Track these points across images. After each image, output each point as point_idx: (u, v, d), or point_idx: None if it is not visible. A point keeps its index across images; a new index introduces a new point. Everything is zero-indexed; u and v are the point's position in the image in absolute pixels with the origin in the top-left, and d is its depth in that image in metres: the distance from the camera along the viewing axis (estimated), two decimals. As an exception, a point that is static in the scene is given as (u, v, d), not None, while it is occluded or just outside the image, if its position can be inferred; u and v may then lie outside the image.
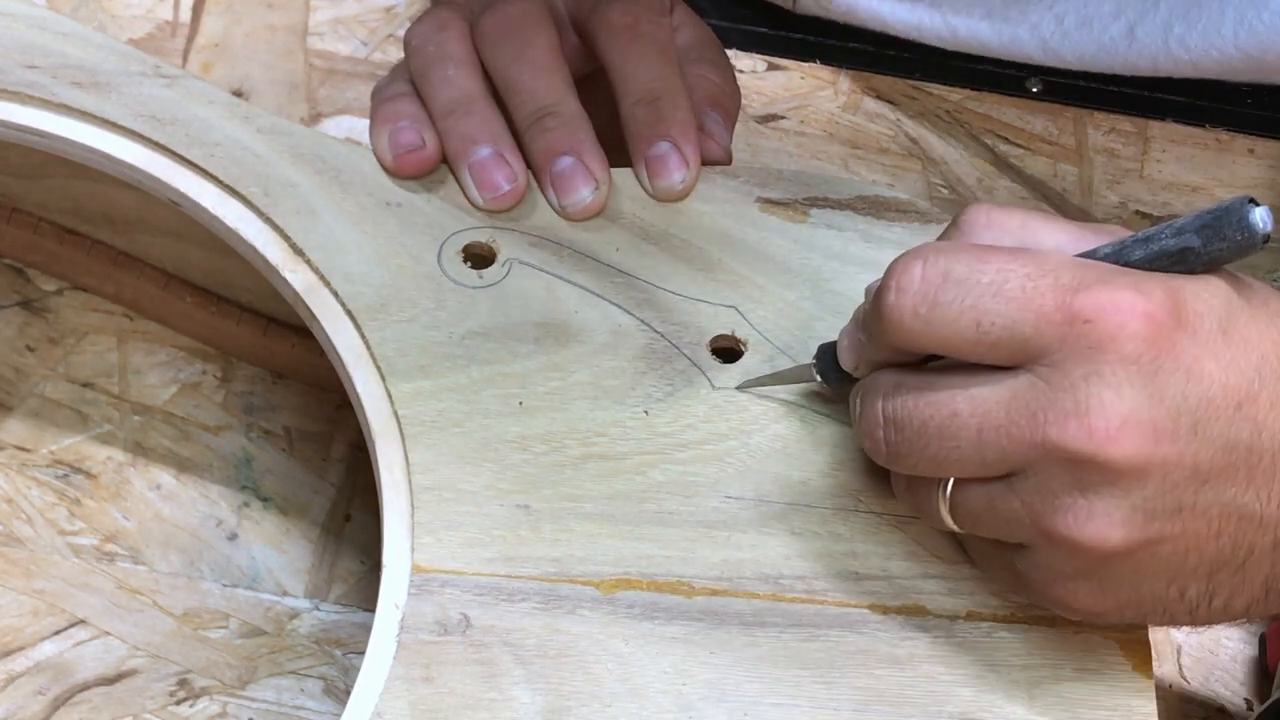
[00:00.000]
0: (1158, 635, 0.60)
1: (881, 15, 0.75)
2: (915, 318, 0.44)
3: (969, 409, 0.44)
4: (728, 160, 0.58)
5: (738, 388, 0.53)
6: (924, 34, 0.75)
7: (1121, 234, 0.46)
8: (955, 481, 0.46)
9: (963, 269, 0.44)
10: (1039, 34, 0.73)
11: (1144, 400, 0.42)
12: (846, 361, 0.49)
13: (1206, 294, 0.44)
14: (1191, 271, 0.44)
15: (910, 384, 0.46)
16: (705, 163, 0.57)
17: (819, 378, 0.51)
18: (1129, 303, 0.43)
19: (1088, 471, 0.43)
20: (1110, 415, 0.42)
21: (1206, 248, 0.44)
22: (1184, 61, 0.70)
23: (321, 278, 0.54)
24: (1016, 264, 0.44)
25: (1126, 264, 0.45)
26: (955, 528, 0.47)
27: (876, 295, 0.45)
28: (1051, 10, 0.72)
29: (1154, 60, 0.71)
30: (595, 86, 0.58)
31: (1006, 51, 0.74)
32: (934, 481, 0.46)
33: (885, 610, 0.50)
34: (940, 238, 0.48)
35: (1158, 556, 0.44)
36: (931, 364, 0.46)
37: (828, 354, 0.50)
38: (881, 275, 0.46)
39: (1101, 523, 0.43)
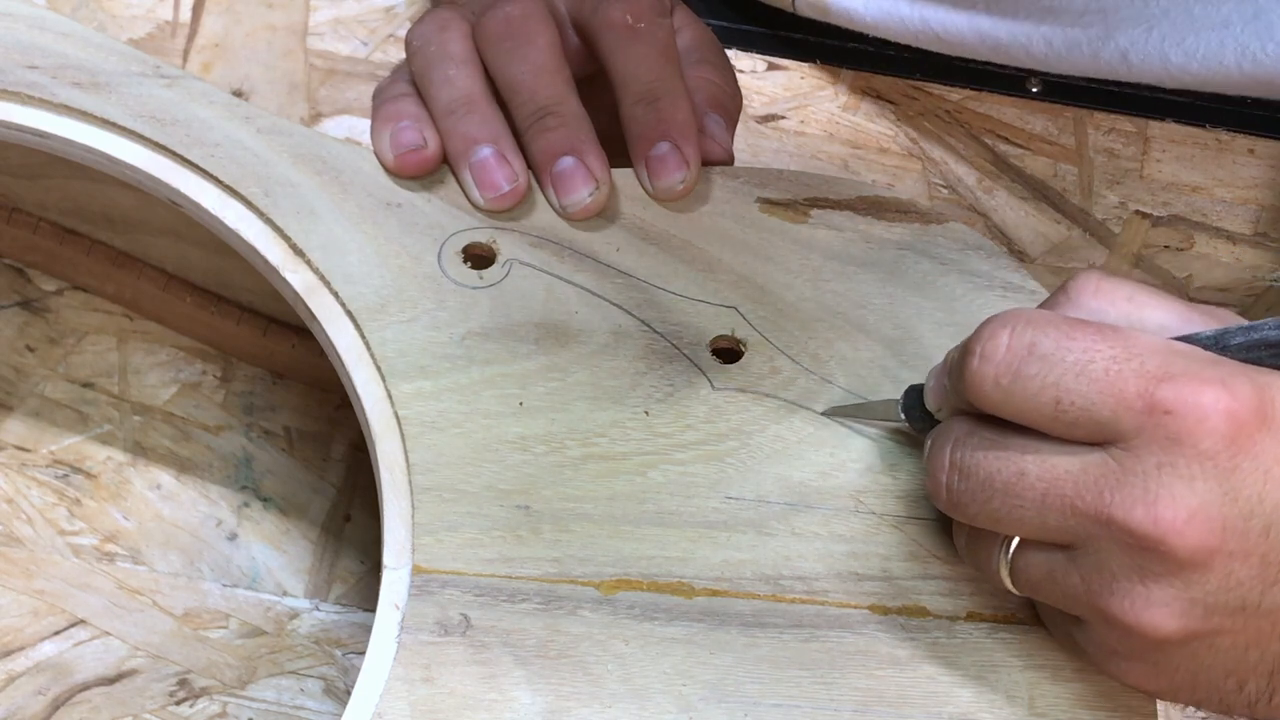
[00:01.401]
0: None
1: (877, 23, 0.75)
2: (996, 387, 0.44)
3: (1037, 471, 0.44)
4: (729, 162, 0.58)
5: (823, 413, 0.53)
6: (920, 39, 0.75)
7: (1228, 317, 0.45)
8: (1017, 545, 0.46)
9: (1049, 344, 0.43)
10: (1031, 53, 0.72)
11: (1216, 496, 0.42)
12: (931, 402, 0.49)
13: None
14: None
15: (983, 435, 0.45)
16: (706, 164, 0.57)
17: (903, 416, 0.51)
18: (1213, 398, 0.42)
19: (1149, 558, 0.43)
20: (1179, 506, 0.42)
21: None
22: (1186, 82, 0.69)
23: (321, 278, 0.54)
24: (1104, 344, 0.43)
25: (1225, 349, 0.44)
26: (1014, 590, 0.47)
27: (961, 356, 0.45)
28: (1038, 30, 0.72)
29: (1155, 79, 0.70)
30: (596, 87, 0.58)
31: (999, 60, 0.74)
32: (996, 541, 0.46)
33: (885, 611, 0.50)
34: (1047, 300, 0.48)
35: (1216, 649, 0.44)
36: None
37: (914, 395, 0.50)
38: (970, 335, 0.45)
39: (1158, 611, 0.43)
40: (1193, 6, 0.67)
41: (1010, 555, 0.46)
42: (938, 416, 0.48)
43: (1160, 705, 0.50)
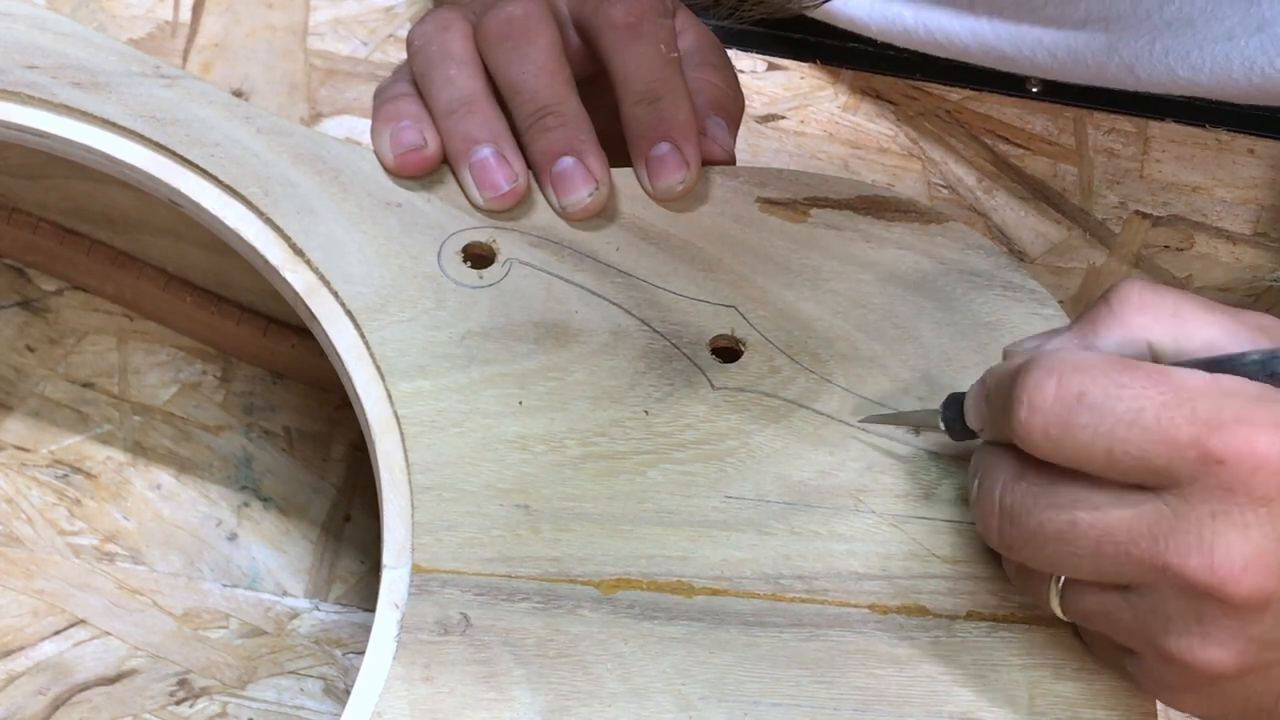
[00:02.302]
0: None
1: (881, 30, 0.75)
2: (1046, 438, 0.43)
3: (1089, 520, 0.43)
4: (731, 162, 0.58)
5: (860, 421, 0.53)
6: (924, 47, 0.75)
7: (1273, 327, 0.45)
8: (1068, 580, 0.46)
9: (1098, 392, 0.43)
10: (1035, 63, 0.72)
11: (1272, 542, 0.42)
12: (972, 422, 0.48)
13: None
14: None
15: (1031, 479, 0.45)
16: (707, 165, 0.57)
17: (943, 426, 0.50)
18: (1265, 446, 0.41)
19: (1206, 604, 0.43)
20: (1235, 555, 0.42)
21: None
22: (1194, 92, 0.69)
23: (321, 278, 0.54)
24: (1155, 390, 0.42)
25: (1274, 375, 0.43)
26: (1065, 618, 0.47)
27: (1008, 403, 0.44)
28: (1041, 40, 0.71)
29: (1163, 89, 0.70)
30: (597, 88, 0.58)
31: (1003, 68, 0.74)
32: (1046, 575, 0.46)
33: (885, 610, 0.49)
34: (1087, 314, 0.47)
35: (1269, 678, 0.44)
36: None
37: (955, 405, 0.50)
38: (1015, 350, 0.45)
39: (1215, 651, 0.43)
40: (1195, 18, 0.67)
41: (1061, 588, 0.46)
42: (981, 436, 0.48)
43: (1160, 706, 0.49)
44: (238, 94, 0.71)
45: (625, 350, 0.53)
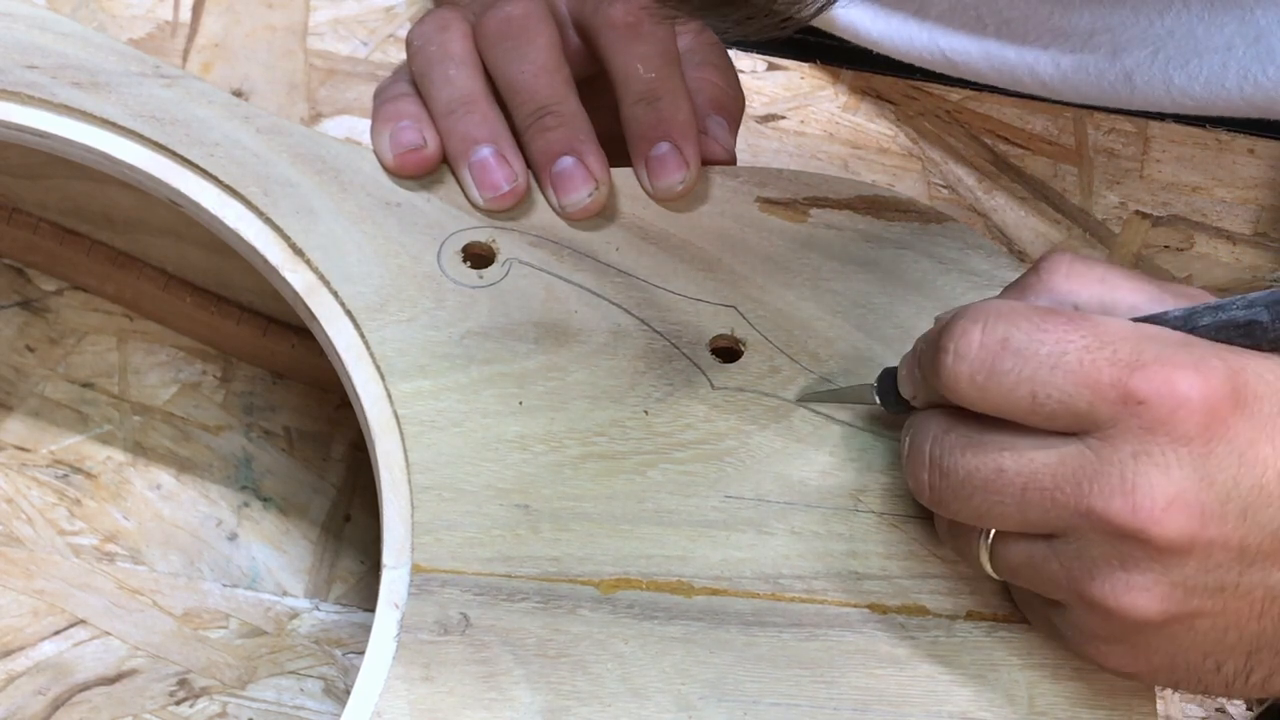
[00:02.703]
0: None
1: (882, 40, 0.75)
2: (971, 384, 0.44)
3: (1015, 467, 0.44)
4: (732, 162, 0.58)
5: (796, 401, 0.53)
6: (927, 60, 0.75)
7: (1199, 296, 0.46)
8: (996, 533, 0.46)
9: (1022, 337, 0.43)
10: (1036, 74, 0.72)
11: (1193, 482, 0.42)
12: (905, 390, 0.49)
13: (1270, 375, 0.43)
14: (1258, 347, 0.44)
15: (960, 431, 0.45)
16: (708, 164, 0.57)
17: (878, 400, 0.51)
18: (1186, 384, 0.42)
19: (1130, 546, 0.43)
20: (1157, 495, 0.42)
21: (1275, 324, 0.43)
22: (1188, 106, 0.69)
23: (321, 278, 0.54)
24: (1076, 334, 0.43)
25: (1194, 330, 0.44)
26: (994, 575, 0.47)
27: (934, 354, 0.45)
28: (1046, 52, 0.71)
29: (1157, 102, 0.70)
30: (597, 87, 0.58)
31: (1005, 84, 0.74)
32: (975, 529, 0.46)
33: (885, 610, 0.49)
34: (1017, 281, 0.48)
35: (1195, 630, 0.44)
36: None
37: (889, 378, 0.50)
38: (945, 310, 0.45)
39: (1139, 595, 0.43)
40: (1196, 28, 0.67)
41: (990, 543, 0.46)
42: (913, 404, 0.49)
43: (1160, 707, 0.49)
44: (238, 94, 0.71)
45: (625, 350, 0.53)
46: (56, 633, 0.59)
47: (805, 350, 0.54)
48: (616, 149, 0.56)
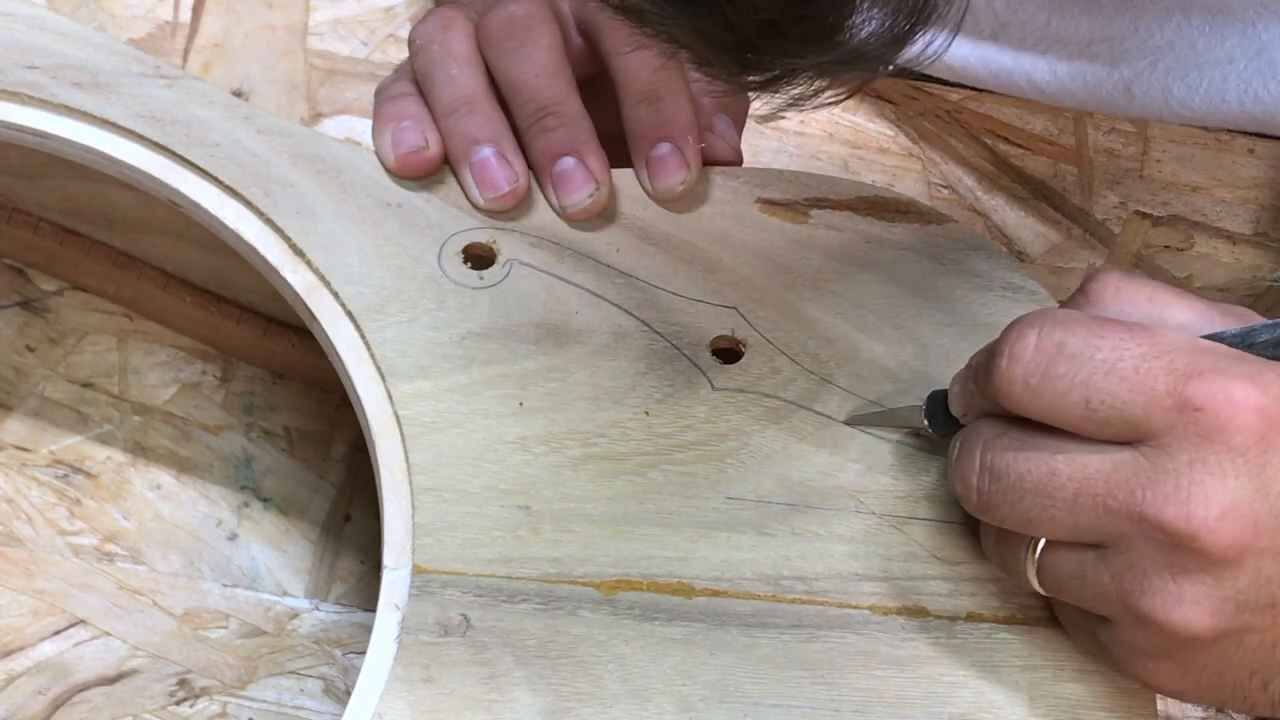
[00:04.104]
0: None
1: None
2: (1025, 388, 0.44)
3: (1068, 471, 0.44)
4: (739, 161, 0.58)
5: (845, 421, 0.53)
6: (924, 65, 0.75)
7: (1250, 317, 0.45)
8: (1045, 544, 0.46)
9: (1077, 342, 0.43)
10: (1033, 81, 0.72)
11: (1248, 492, 0.42)
12: (956, 408, 0.48)
13: None
14: None
15: (1013, 435, 0.45)
16: (717, 163, 0.57)
17: (926, 422, 0.51)
18: (1242, 394, 0.42)
19: (1182, 556, 0.42)
20: (1211, 504, 0.42)
21: None
22: (1187, 118, 0.69)
23: (321, 278, 0.54)
24: (1132, 342, 0.43)
25: (1251, 347, 0.44)
26: (1041, 590, 0.47)
27: (990, 358, 0.45)
28: (1043, 59, 0.71)
29: (1155, 113, 0.70)
30: (599, 88, 0.57)
31: (1002, 90, 0.74)
32: (1023, 541, 0.46)
33: (886, 611, 0.50)
34: (1066, 302, 0.48)
35: (1243, 646, 0.44)
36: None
37: (937, 399, 0.50)
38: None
39: (1190, 608, 0.43)
40: (1196, 40, 0.67)
41: (1038, 555, 0.46)
42: (962, 421, 0.48)
43: (1160, 706, 0.49)
44: (238, 94, 0.71)
45: (626, 351, 0.53)
46: (56, 633, 0.59)
47: (806, 351, 0.54)
48: (618, 150, 0.56)
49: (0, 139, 0.57)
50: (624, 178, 0.57)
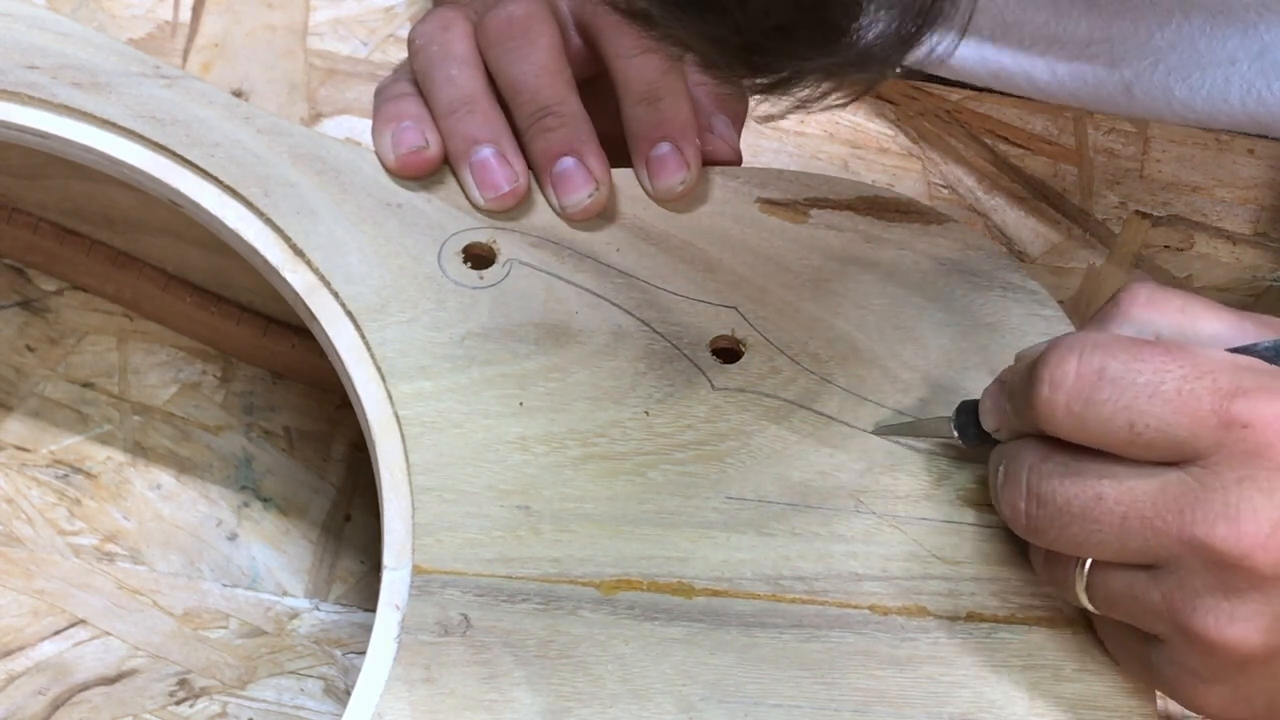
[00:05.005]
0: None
1: None
2: (1069, 414, 0.44)
3: (1115, 495, 0.44)
4: (739, 161, 0.58)
5: (873, 431, 0.52)
6: (923, 63, 0.75)
7: (1278, 325, 0.45)
8: (1093, 563, 0.45)
9: (1119, 367, 0.43)
10: (1033, 80, 0.72)
11: None
12: (988, 423, 0.48)
13: None
14: None
15: (1057, 460, 0.45)
16: (717, 163, 0.57)
17: (956, 434, 0.51)
18: None
19: (1234, 575, 0.42)
20: (1261, 521, 0.42)
21: None
22: (1189, 119, 0.69)
23: (321, 278, 0.54)
24: (1174, 364, 0.43)
25: None
26: (1090, 607, 0.47)
27: (1029, 384, 0.45)
28: (1043, 59, 0.71)
29: (1157, 113, 0.70)
30: (599, 89, 0.57)
31: (1000, 89, 0.74)
32: (1072, 560, 0.46)
33: (886, 611, 0.50)
34: (1097, 313, 0.47)
35: None
36: None
37: (967, 412, 0.50)
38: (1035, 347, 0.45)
39: (1243, 627, 0.43)
40: (1198, 40, 0.66)
41: (1086, 572, 0.46)
42: (996, 436, 0.48)
43: (1159, 705, 0.49)
44: (238, 94, 0.71)
45: (626, 351, 0.53)
46: (56, 633, 0.59)
47: (806, 351, 0.54)
48: (618, 150, 0.56)
49: (0, 139, 0.57)
50: (624, 178, 0.57)
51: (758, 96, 0.39)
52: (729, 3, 0.36)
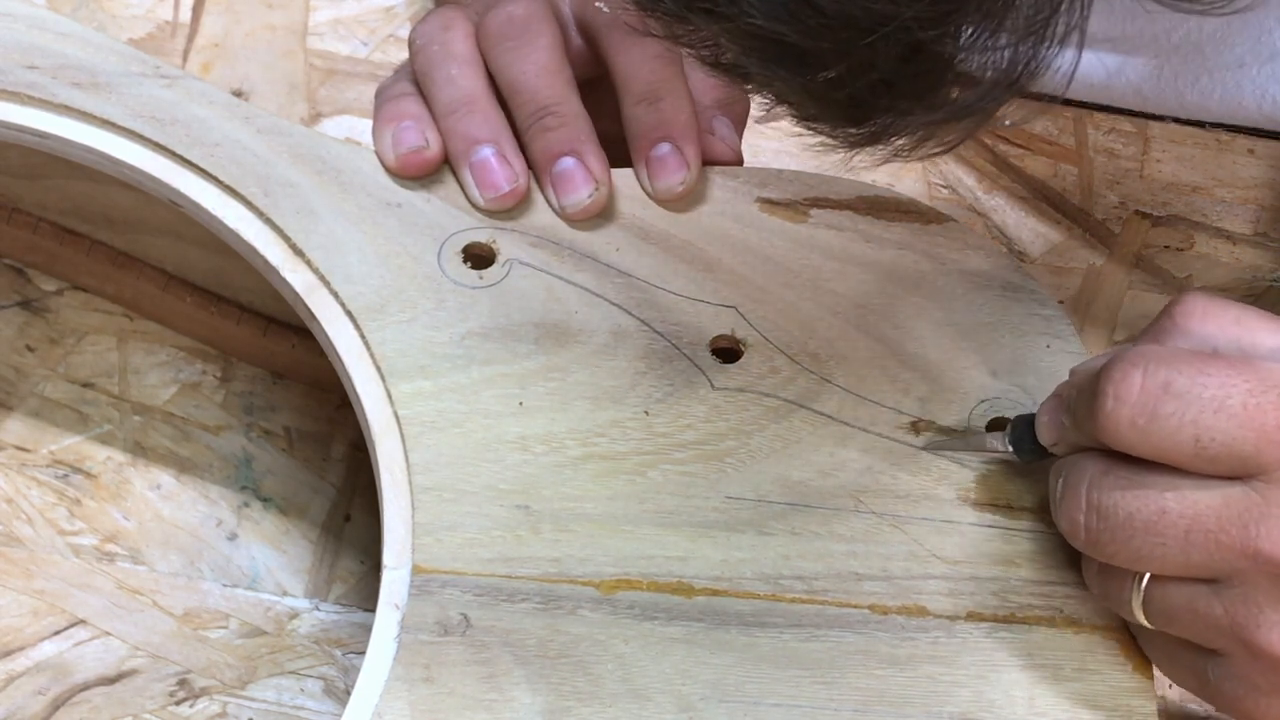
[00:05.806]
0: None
1: None
2: (1133, 428, 0.43)
3: (1178, 509, 0.43)
4: (739, 161, 0.58)
5: (923, 448, 0.52)
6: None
7: None
8: (1151, 577, 0.45)
9: (1184, 381, 0.43)
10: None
11: None
12: (1046, 438, 0.48)
13: None
14: None
15: (1119, 473, 0.45)
16: (717, 163, 0.57)
17: (1010, 448, 0.50)
18: None
19: None
20: None
21: None
22: (1204, 117, 0.69)
23: (321, 278, 0.54)
24: (1239, 378, 0.43)
25: None
26: (1147, 623, 0.46)
27: (1093, 398, 0.44)
28: None
29: (1170, 111, 0.70)
30: (599, 89, 0.57)
31: None
32: (1128, 574, 0.46)
33: (885, 611, 0.50)
34: (1152, 325, 0.47)
35: None
36: None
37: (1023, 426, 0.50)
38: (1086, 361, 0.45)
39: None
40: (1204, 45, 0.66)
41: (1144, 586, 0.46)
42: (1053, 451, 0.48)
43: (1159, 694, 0.49)
44: (238, 94, 0.71)
45: (625, 351, 0.53)
46: (56, 633, 0.59)
47: (805, 351, 0.54)
48: (618, 150, 0.56)
49: (0, 139, 0.57)
50: (624, 178, 0.57)
51: (856, 147, 0.39)
52: (831, 58, 0.35)
